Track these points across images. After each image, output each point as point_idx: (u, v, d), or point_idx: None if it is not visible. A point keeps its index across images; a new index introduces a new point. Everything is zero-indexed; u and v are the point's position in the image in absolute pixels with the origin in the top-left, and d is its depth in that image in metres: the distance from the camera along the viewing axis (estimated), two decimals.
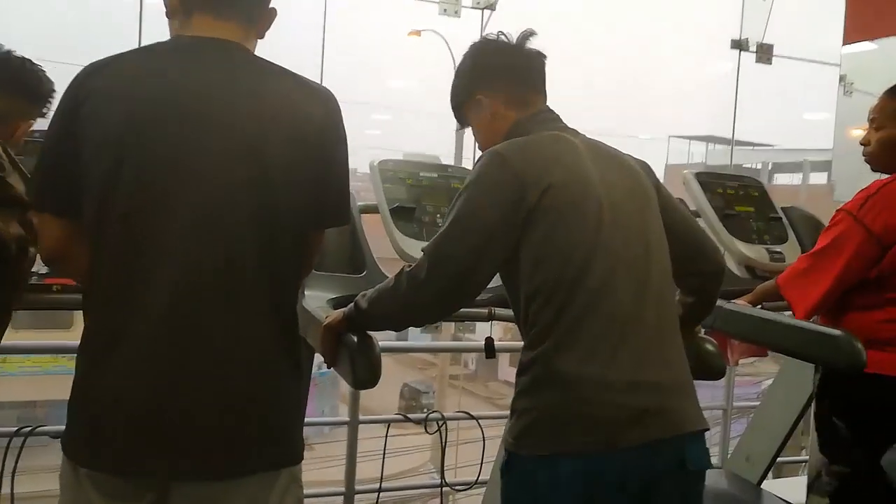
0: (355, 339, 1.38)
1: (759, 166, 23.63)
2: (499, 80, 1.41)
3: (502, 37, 1.43)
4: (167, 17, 1.23)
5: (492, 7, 3.37)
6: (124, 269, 1.13)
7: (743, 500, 2.53)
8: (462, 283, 1.27)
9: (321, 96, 1.22)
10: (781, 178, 23.76)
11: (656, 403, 1.25)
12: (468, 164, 2.25)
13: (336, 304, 1.72)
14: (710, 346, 1.60)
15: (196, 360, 1.11)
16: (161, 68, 1.16)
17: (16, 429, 2.15)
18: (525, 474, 1.26)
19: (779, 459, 2.76)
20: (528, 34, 1.42)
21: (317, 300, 1.71)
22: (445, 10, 3.21)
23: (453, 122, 1.52)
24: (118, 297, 1.13)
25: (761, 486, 2.64)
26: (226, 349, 1.12)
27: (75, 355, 1.19)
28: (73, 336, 1.40)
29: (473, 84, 1.43)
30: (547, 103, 1.43)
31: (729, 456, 3.02)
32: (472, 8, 3.34)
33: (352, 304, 1.40)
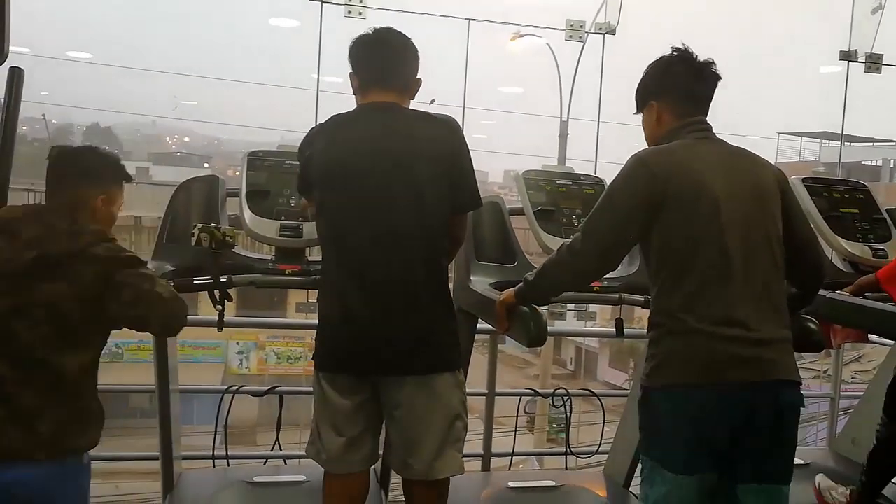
0: (527, 309, 1.81)
1: (881, 163, 22.35)
2: (672, 94, 1.75)
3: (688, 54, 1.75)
4: (354, 94, 1.92)
5: (612, 32, 3.72)
6: (337, 250, 1.85)
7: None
8: (607, 251, 1.69)
9: (448, 125, 1.86)
10: None
11: (753, 354, 1.59)
12: (573, 165, 2.67)
13: (496, 286, 2.16)
14: (811, 325, 1.91)
15: (390, 310, 1.79)
16: (352, 124, 1.89)
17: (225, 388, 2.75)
18: (653, 402, 1.65)
19: None
20: (710, 62, 1.75)
21: (482, 284, 2.16)
22: (571, 35, 3.60)
23: (556, 126, 1.98)
24: (342, 273, 1.83)
25: None
26: (405, 299, 1.79)
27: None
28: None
29: (653, 94, 1.77)
30: (704, 116, 1.75)
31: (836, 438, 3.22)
32: (595, 33, 3.71)
33: (521, 284, 1.83)
